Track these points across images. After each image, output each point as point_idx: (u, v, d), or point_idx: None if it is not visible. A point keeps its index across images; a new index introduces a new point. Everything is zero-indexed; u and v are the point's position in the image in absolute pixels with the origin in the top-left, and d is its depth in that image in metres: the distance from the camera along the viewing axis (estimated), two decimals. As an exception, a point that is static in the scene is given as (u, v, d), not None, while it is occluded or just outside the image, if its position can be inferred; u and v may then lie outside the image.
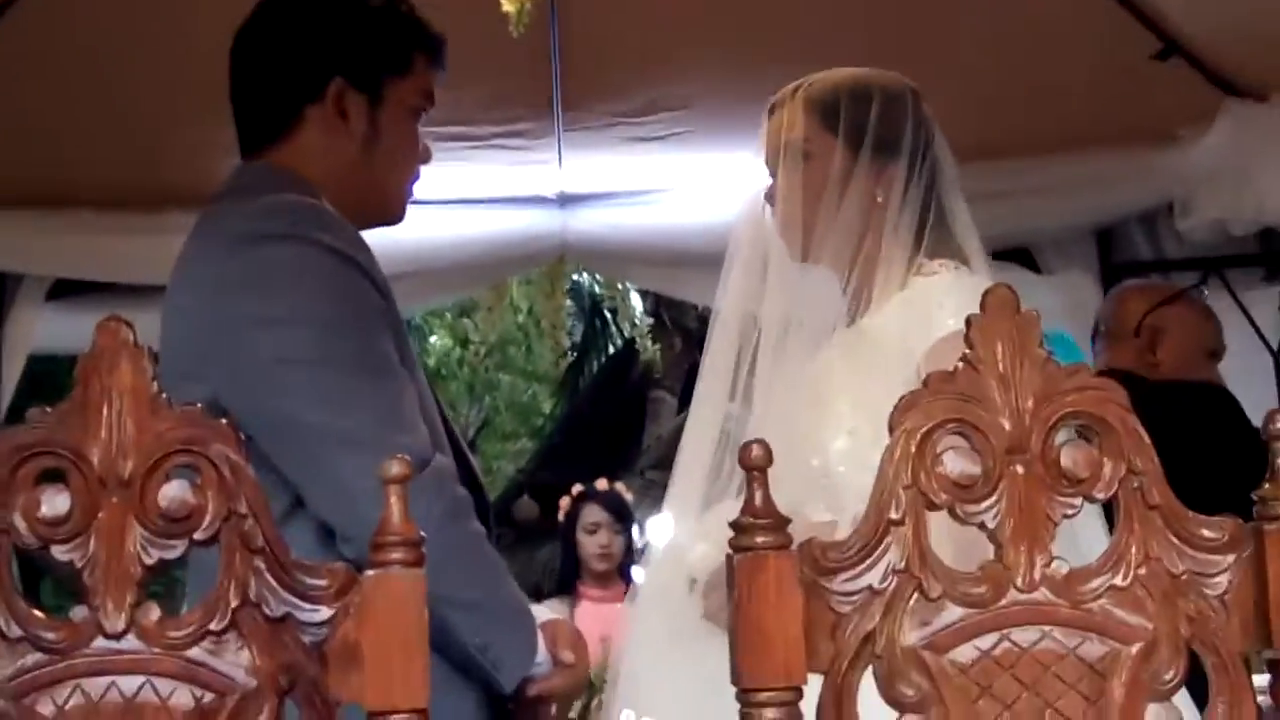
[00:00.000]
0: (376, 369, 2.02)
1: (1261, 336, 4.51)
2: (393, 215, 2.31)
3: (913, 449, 1.29)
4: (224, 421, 1.26)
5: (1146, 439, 1.31)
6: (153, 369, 1.25)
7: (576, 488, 5.75)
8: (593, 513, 5.64)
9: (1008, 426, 1.30)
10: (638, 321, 5.33)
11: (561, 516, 5.71)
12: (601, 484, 5.76)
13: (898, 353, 2.24)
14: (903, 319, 2.28)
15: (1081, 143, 4.38)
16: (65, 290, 4.66)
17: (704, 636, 2.20)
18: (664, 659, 2.34)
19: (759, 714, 1.25)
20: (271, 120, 2.22)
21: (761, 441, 1.28)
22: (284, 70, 2.22)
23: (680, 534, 2.38)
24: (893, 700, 1.28)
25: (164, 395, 1.25)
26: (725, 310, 2.47)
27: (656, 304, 8.45)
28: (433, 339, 15.35)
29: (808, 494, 2.21)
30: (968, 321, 1.32)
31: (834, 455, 2.26)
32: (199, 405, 1.26)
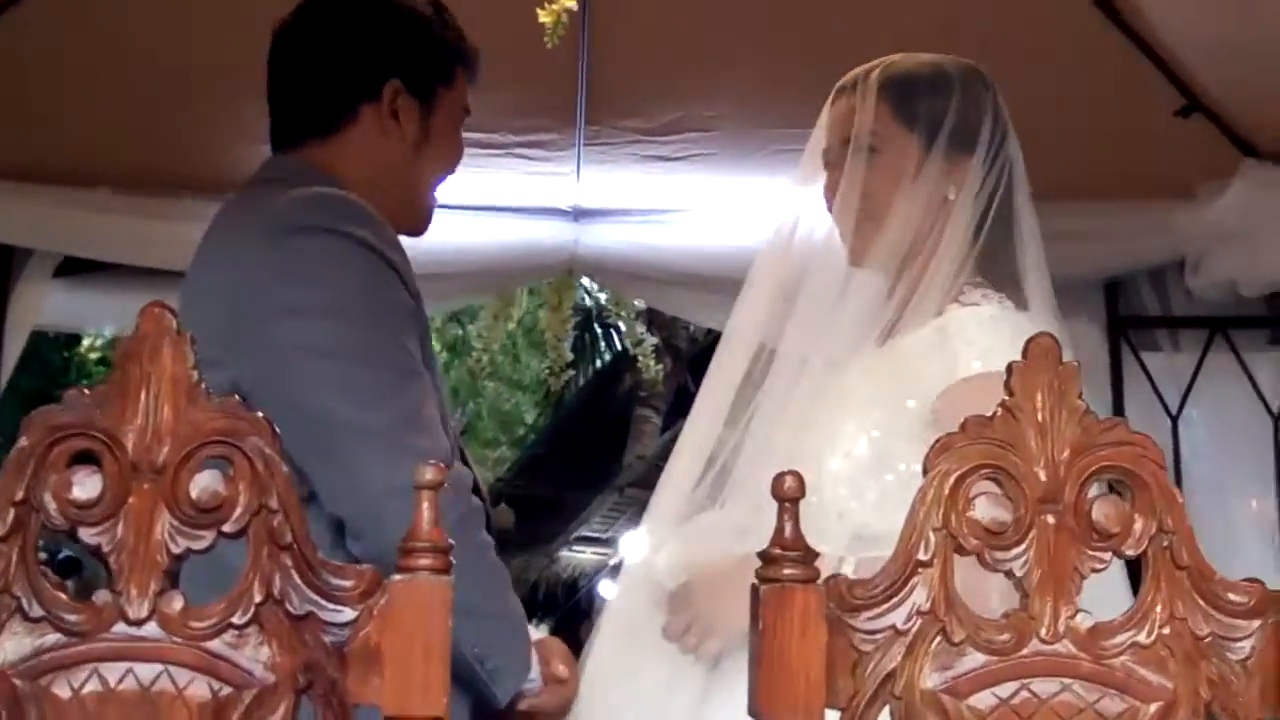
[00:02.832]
0: (403, 368, 2.01)
1: (1263, 399, 4.52)
2: (421, 224, 2.32)
3: (945, 492, 1.29)
4: (261, 415, 1.26)
5: (1179, 498, 1.31)
6: (193, 357, 1.25)
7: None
8: None
9: (1042, 476, 1.30)
10: (642, 338, 5.30)
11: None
12: None
13: (916, 385, 2.15)
14: (929, 350, 2.16)
15: (1098, 192, 4.39)
16: (73, 268, 4.66)
17: (663, 653, 2.17)
18: (622, 671, 2.28)
19: (774, 746, 1.25)
20: (323, 114, 2.22)
21: (795, 473, 1.28)
22: (343, 67, 2.22)
23: (655, 549, 2.31)
24: (909, 742, 1.28)
25: (203, 385, 1.24)
26: (737, 333, 2.33)
27: (649, 323, 8.44)
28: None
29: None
30: (1009, 369, 1.31)
31: (827, 475, 2.16)
32: (235, 398, 1.26)
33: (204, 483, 1.24)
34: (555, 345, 5.12)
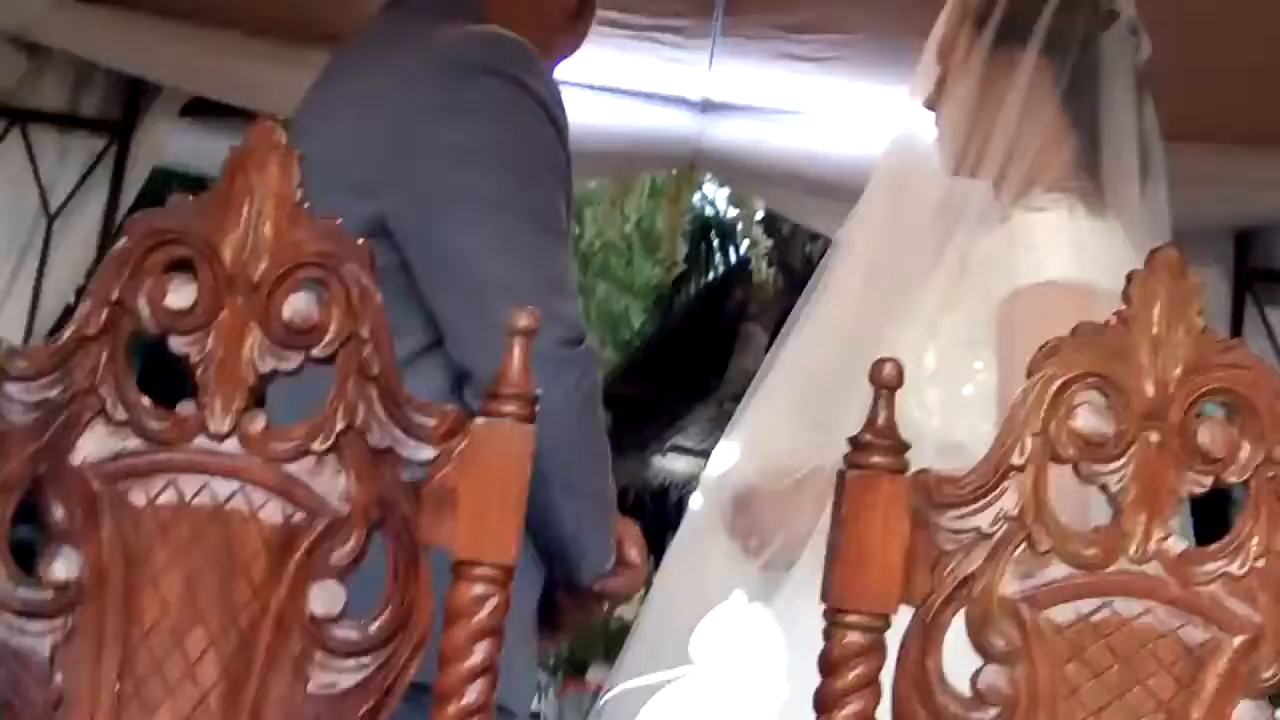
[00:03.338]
0: (554, 229, 1.97)
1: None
2: None
3: (1048, 397, 1.25)
4: (362, 242, 1.24)
5: (1290, 429, 1.26)
6: (300, 176, 1.23)
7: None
8: None
9: (1150, 392, 1.25)
10: (758, 240, 5.25)
11: None
12: None
13: (986, 293, 2.09)
14: (994, 255, 2.11)
15: (1237, 136, 4.26)
16: (200, 110, 4.68)
17: (730, 554, 2.15)
18: (691, 568, 2.27)
19: (843, 635, 1.23)
20: None
21: (894, 360, 1.25)
22: None
23: (739, 457, 2.29)
24: (980, 647, 1.25)
25: (307, 205, 1.23)
26: (854, 242, 2.30)
27: (767, 233, 8.39)
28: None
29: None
30: (1129, 277, 1.27)
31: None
32: (339, 222, 1.24)
33: (298, 304, 1.23)
34: (669, 239, 5.08)
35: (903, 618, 1.25)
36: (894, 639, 1.25)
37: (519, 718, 1.99)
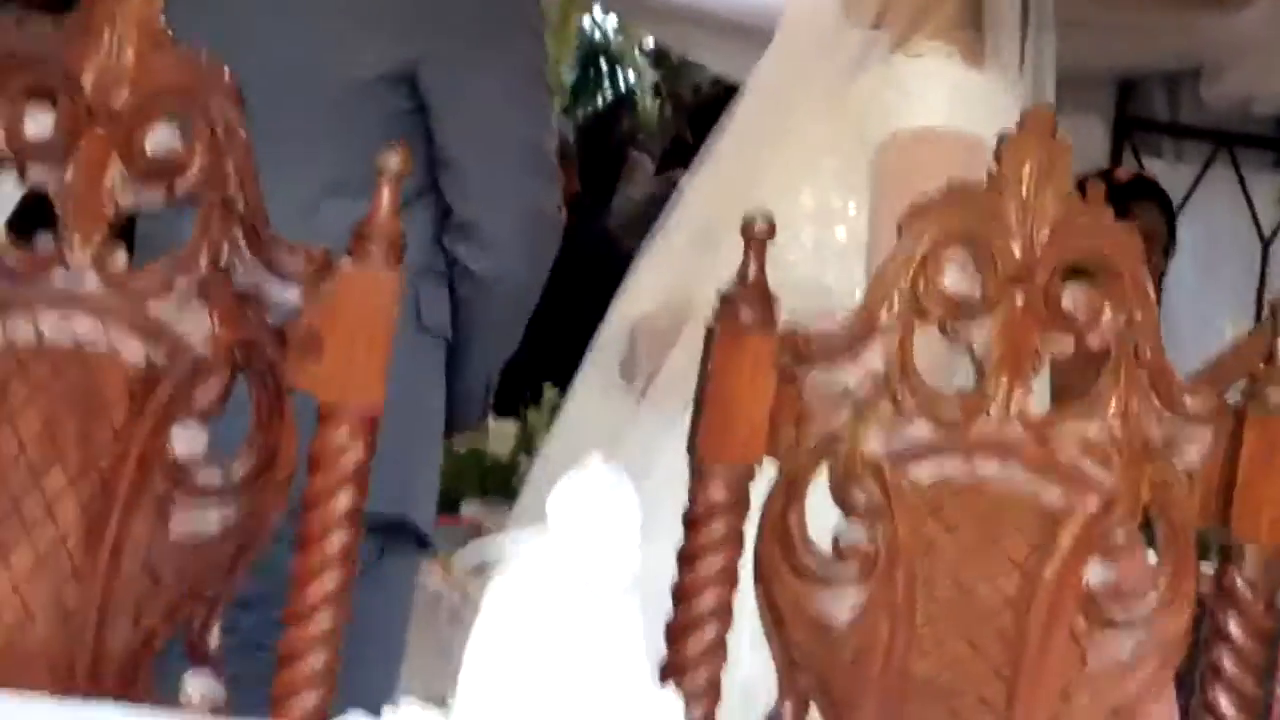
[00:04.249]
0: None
1: (1256, 221, 4.48)
2: None
3: (916, 256, 1.26)
4: (228, 74, 1.21)
5: (1152, 294, 1.28)
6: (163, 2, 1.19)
7: (1125, 172, 4.19)
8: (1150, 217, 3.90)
9: (1017, 254, 1.26)
10: (643, 72, 5.18)
11: None
12: None
13: (854, 131, 2.08)
14: (870, 99, 2.08)
15: (1121, -15, 4.26)
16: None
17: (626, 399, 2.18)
18: (591, 405, 2.28)
19: (707, 488, 1.23)
20: None
21: (766, 214, 1.24)
22: None
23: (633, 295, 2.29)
24: (842, 503, 1.26)
25: (170, 33, 1.19)
26: (756, 85, 2.30)
27: (655, 66, 8.27)
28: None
29: None
30: (1000, 138, 1.27)
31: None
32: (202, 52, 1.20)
33: (160, 137, 1.20)
34: (554, 69, 5.00)
35: (768, 473, 1.26)
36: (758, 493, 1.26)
37: (429, 537, 2.07)
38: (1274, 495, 1.27)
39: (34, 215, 1.24)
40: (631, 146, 6.00)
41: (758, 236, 1.24)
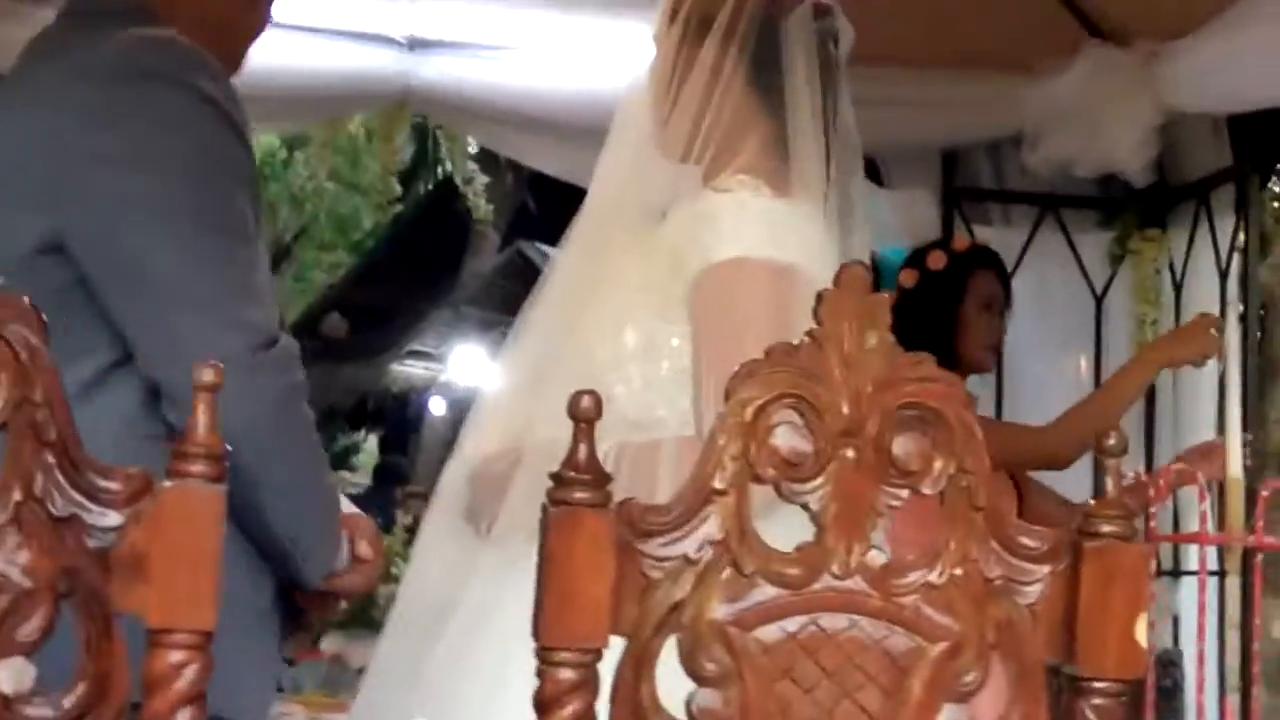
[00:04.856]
0: (236, 232, 1.94)
1: (1088, 279, 4.57)
2: (238, 69, 2.21)
3: (746, 419, 1.26)
4: (28, 300, 1.18)
5: (980, 438, 1.29)
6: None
7: (963, 241, 4.13)
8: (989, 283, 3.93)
9: (845, 409, 1.27)
10: (472, 176, 5.17)
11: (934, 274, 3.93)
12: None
13: (680, 272, 2.13)
14: (683, 234, 2.14)
15: (939, 61, 4.35)
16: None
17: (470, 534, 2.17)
18: (435, 550, 2.28)
19: (556, 673, 1.22)
20: None
21: (592, 393, 1.24)
22: None
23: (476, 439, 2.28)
24: (692, 672, 1.25)
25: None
26: (582, 223, 2.28)
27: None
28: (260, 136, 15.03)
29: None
30: (819, 296, 1.28)
31: (596, 364, 2.14)
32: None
33: (-37, 370, 1.16)
34: (384, 178, 4.98)
35: (615, 648, 1.25)
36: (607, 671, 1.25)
37: None
38: (1116, 627, 1.29)
39: None
40: (471, 219, 5.90)
41: (584, 415, 1.23)
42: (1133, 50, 4.19)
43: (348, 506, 2.09)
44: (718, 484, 1.25)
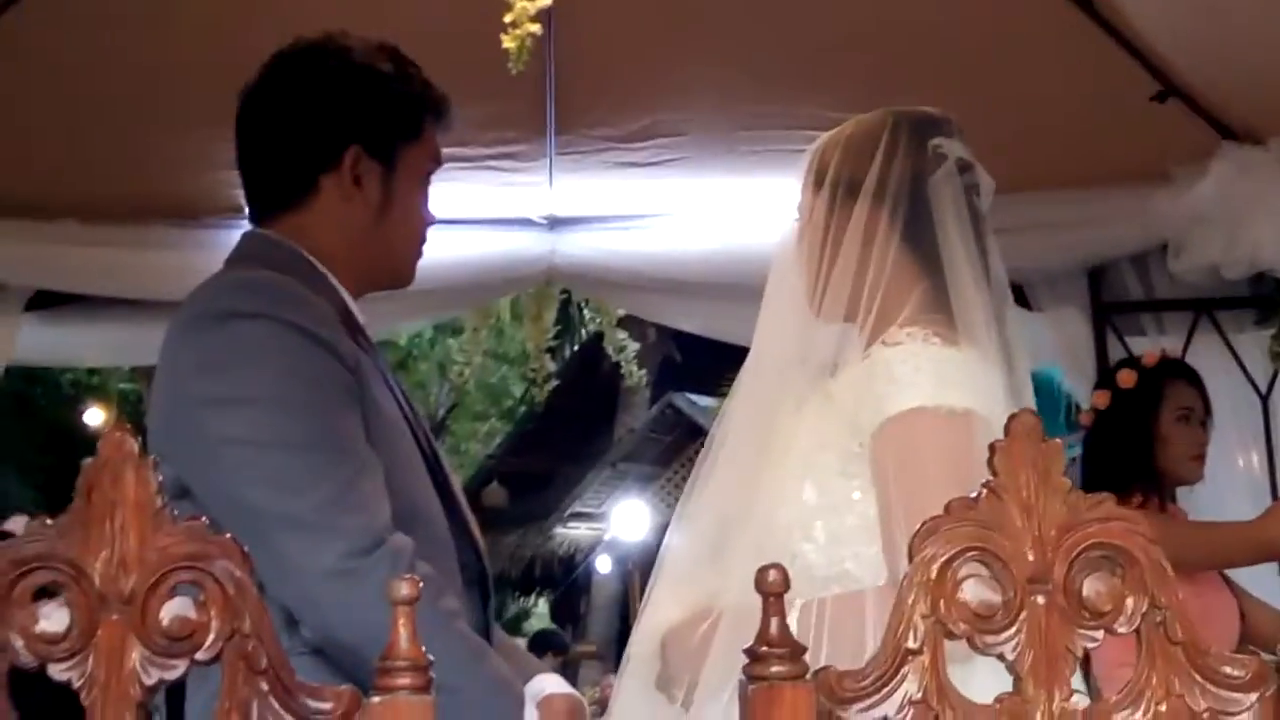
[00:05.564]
0: (332, 448, 2.00)
1: (1250, 379, 4.51)
2: (403, 279, 2.30)
3: (932, 576, 1.26)
4: (229, 537, 1.23)
5: (1169, 571, 1.28)
6: (156, 481, 1.21)
7: (1152, 356, 4.01)
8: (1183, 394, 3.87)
9: (1030, 556, 1.27)
10: (624, 344, 5.23)
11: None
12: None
13: (855, 428, 2.14)
14: (857, 390, 2.16)
15: (1077, 181, 4.37)
16: (45, 302, 4.60)
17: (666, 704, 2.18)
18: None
19: (769, 847, 1.22)
20: (285, 189, 2.19)
21: (779, 566, 1.26)
22: (299, 139, 2.19)
23: (660, 605, 2.29)
24: (907, 834, 1.25)
25: (169, 509, 1.21)
26: (744, 394, 2.30)
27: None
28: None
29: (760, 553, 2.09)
30: (992, 448, 1.29)
31: (778, 524, 2.17)
32: (204, 520, 1.23)
33: (174, 610, 1.21)
34: (537, 355, 5.07)
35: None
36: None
37: None
38: (1332, 750, 1.26)
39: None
40: (622, 375, 6.00)
41: (772, 589, 1.25)
42: (1268, 148, 4.17)
43: (552, 685, 2.09)
44: (911, 643, 1.26)
